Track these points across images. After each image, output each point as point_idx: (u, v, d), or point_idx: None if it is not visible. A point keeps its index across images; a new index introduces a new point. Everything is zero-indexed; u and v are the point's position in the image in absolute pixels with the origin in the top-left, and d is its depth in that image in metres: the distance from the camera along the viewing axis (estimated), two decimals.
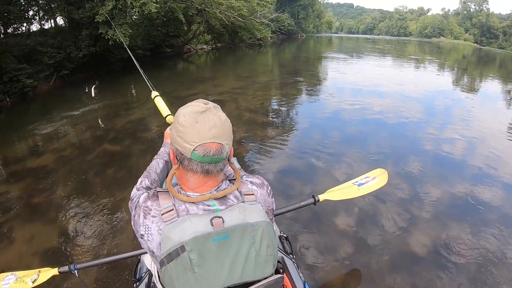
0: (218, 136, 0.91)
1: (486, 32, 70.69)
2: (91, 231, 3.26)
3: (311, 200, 1.97)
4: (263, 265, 0.94)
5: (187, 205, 0.93)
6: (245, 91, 9.76)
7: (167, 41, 18.91)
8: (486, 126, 6.87)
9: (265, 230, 0.94)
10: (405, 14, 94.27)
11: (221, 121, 0.92)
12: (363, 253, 2.87)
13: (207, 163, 0.92)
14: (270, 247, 0.95)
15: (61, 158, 5.17)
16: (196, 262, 0.86)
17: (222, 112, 0.96)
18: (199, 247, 0.86)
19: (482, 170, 4.59)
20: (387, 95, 9.45)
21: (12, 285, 1.74)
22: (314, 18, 50.38)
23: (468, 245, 3.02)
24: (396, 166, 4.62)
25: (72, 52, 12.02)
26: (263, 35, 25.34)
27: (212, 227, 0.88)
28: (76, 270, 1.66)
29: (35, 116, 8.25)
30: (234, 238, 0.89)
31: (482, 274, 2.69)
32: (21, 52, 10.90)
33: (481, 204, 3.71)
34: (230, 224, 0.90)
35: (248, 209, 0.95)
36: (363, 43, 41.39)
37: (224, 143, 0.92)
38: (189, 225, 0.87)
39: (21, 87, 10.06)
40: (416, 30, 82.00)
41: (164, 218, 0.90)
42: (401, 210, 3.54)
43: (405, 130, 6.37)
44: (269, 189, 1.12)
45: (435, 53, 30.67)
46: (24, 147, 5.95)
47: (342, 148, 5.25)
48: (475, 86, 13.03)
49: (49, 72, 11.67)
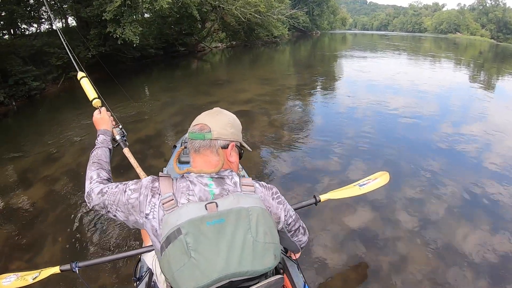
0: (208, 121, 1.10)
1: (503, 28, 69.90)
2: (93, 230, 3.27)
3: (312, 200, 1.93)
4: (262, 254, 0.94)
5: (188, 183, 1.04)
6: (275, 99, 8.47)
7: (180, 40, 18.13)
8: (503, 124, 6.61)
9: (261, 215, 0.97)
10: (420, 10, 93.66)
11: (216, 113, 1.14)
12: (365, 254, 2.83)
13: (194, 140, 1.09)
14: (269, 235, 0.96)
15: (68, 163, 4.99)
16: (192, 246, 0.89)
17: (231, 114, 1.18)
18: (194, 231, 0.90)
19: (498, 169, 4.44)
20: (407, 94, 9.08)
21: (13, 282, 1.74)
22: (329, 15, 49.24)
23: (481, 246, 2.94)
24: (405, 165, 4.51)
25: (80, 52, 11.32)
26: (280, 32, 24.38)
27: (206, 211, 0.93)
28: (77, 268, 1.64)
29: (42, 121, 7.85)
30: (228, 222, 0.92)
31: (492, 275, 2.62)
32: (28, 53, 10.36)
33: (495, 204, 3.59)
34: (223, 208, 0.94)
35: (243, 196, 1.01)
36: (380, 39, 40.19)
37: (209, 124, 1.09)
38: (186, 210, 0.94)
39: (27, 90, 9.61)
40: (432, 26, 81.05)
41: (166, 207, 0.98)
42: (404, 210, 3.44)
43: (418, 129, 6.12)
44: (274, 193, 1.16)
45: (454, 50, 29.86)
46: (30, 151, 5.63)
47: (352, 149, 5.08)
48: (492, 83, 12.42)
49: (57, 74, 11.09)
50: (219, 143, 1.08)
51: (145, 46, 15.24)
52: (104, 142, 1.43)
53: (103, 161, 1.32)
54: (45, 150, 5.58)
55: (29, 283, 1.72)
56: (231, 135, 1.11)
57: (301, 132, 5.88)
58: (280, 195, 1.19)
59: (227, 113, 1.16)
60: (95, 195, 1.14)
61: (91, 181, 1.20)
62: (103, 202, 1.11)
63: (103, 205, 1.12)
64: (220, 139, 1.08)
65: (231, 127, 1.12)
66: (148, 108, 7.79)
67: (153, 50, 15.82)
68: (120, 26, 10.73)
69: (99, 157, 1.33)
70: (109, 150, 1.42)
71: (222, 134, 1.09)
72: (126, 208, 1.08)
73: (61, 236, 3.23)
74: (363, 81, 11.03)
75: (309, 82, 11.16)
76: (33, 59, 10.39)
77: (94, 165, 1.28)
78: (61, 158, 5.19)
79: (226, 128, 1.10)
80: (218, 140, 1.08)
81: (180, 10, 14.18)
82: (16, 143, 6.10)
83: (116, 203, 1.09)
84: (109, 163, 1.35)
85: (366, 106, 7.57)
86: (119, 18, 10.56)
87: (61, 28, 15.08)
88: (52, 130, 6.61)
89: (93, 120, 1.56)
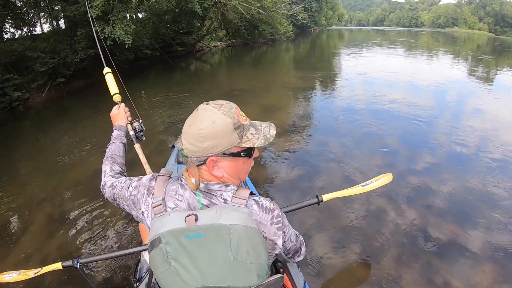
0: (184, 131, 0.96)
1: (501, 21, 70.15)
2: (94, 227, 3.30)
3: (314, 200, 1.85)
4: (243, 273, 0.89)
5: (179, 187, 1.02)
6: (282, 99, 7.56)
7: (178, 39, 16.86)
8: (502, 119, 6.51)
9: (243, 234, 0.89)
10: (416, 4, 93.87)
11: (190, 122, 0.95)
12: (366, 253, 2.78)
13: None
14: (251, 255, 0.89)
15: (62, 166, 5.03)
16: (172, 255, 0.89)
17: (212, 115, 0.93)
18: (174, 241, 0.89)
19: (498, 165, 4.37)
20: (409, 91, 8.86)
21: (14, 277, 1.76)
22: (327, 11, 48.35)
23: (483, 245, 2.87)
24: (407, 163, 4.42)
25: (67, 56, 10.09)
26: (285, 29, 23.17)
27: (185, 224, 0.90)
28: (79, 264, 1.63)
29: (25, 137, 7.10)
30: (207, 238, 0.89)
31: (494, 274, 2.56)
32: (8, 59, 9.15)
33: (495, 201, 3.54)
34: (202, 223, 0.90)
35: (226, 211, 0.92)
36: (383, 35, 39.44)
37: (185, 142, 0.95)
38: (168, 219, 0.92)
39: (8, 101, 8.47)
40: (429, 21, 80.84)
41: (155, 211, 0.98)
42: (406, 210, 3.38)
43: (418, 125, 5.95)
44: (275, 217, 1.01)
45: (456, 44, 29.48)
46: (17, 163, 5.48)
47: (352, 149, 4.94)
48: (491, 77, 12.05)
49: (42, 81, 9.85)
50: (194, 161, 0.95)
51: (140, 47, 14.08)
52: (118, 137, 1.48)
53: (116, 155, 1.37)
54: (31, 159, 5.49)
55: (30, 277, 1.73)
56: (204, 151, 0.93)
57: (301, 132, 5.73)
58: (281, 219, 1.02)
59: (203, 118, 0.93)
60: (107, 187, 1.20)
61: (104, 174, 1.27)
62: (113, 195, 1.18)
63: (114, 198, 1.18)
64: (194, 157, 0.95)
65: (204, 140, 0.92)
66: (144, 109, 7.62)
67: (149, 51, 14.65)
68: (109, 24, 9.45)
69: (113, 152, 1.38)
70: (123, 144, 1.47)
71: (192, 151, 0.95)
72: (128, 203, 1.13)
73: (63, 234, 3.28)
74: (366, 79, 10.53)
75: (313, 81, 10.58)
76: (14, 66, 9.23)
77: (108, 159, 1.34)
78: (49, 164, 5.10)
79: (195, 143, 0.93)
80: (193, 158, 0.95)
81: (179, 4, 12.89)
82: None
83: (122, 197, 1.15)
84: (123, 157, 1.40)
85: (372, 106, 7.25)
86: (108, 16, 9.28)
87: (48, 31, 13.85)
88: (35, 146, 6.17)
89: (110, 115, 1.62)
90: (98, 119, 7.12)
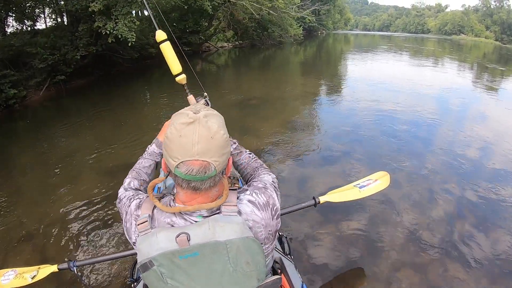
0: (203, 153, 0.78)
1: (507, 30, 69.29)
2: (90, 230, 3.26)
3: (311, 202, 1.90)
4: (243, 280, 0.88)
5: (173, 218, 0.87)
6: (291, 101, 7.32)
7: (184, 38, 16.27)
8: (506, 127, 6.52)
9: (241, 247, 0.82)
10: (423, 11, 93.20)
11: (210, 134, 0.79)
12: (363, 254, 2.80)
13: (193, 181, 0.81)
14: (251, 264, 0.86)
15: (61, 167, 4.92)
16: (167, 275, 0.83)
17: (216, 121, 0.82)
18: (167, 263, 0.82)
19: (499, 172, 4.36)
20: (414, 97, 8.73)
21: (12, 280, 1.73)
22: (334, 14, 47.99)
23: (482, 248, 2.89)
24: (406, 167, 4.40)
25: (68, 52, 9.57)
26: (295, 31, 22.66)
27: (177, 244, 0.80)
28: (75, 267, 1.62)
29: (22, 137, 6.91)
30: (204, 256, 0.82)
31: (493, 276, 2.59)
32: (6, 54, 8.70)
33: (496, 206, 3.54)
34: (196, 242, 0.80)
35: (219, 224, 0.82)
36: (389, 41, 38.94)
37: (211, 161, 0.79)
38: (156, 241, 0.81)
39: (4, 98, 8.02)
40: (435, 27, 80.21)
41: (139, 228, 0.87)
42: (404, 212, 3.36)
43: (419, 130, 5.98)
44: (274, 210, 0.96)
45: (462, 51, 29.01)
46: (12, 165, 5.30)
47: (353, 150, 4.95)
48: (496, 85, 11.79)
49: (40, 79, 9.36)
50: (222, 172, 0.85)
51: (145, 45, 13.54)
52: (153, 154, 1.33)
53: (142, 172, 1.27)
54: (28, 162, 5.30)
55: (28, 283, 1.72)
56: (229, 153, 0.86)
57: (302, 132, 5.77)
58: (277, 207, 0.97)
59: (211, 124, 0.80)
60: (120, 200, 1.10)
61: (123, 186, 1.18)
62: (120, 209, 1.09)
63: (121, 211, 1.08)
64: (221, 167, 0.83)
65: (227, 140, 0.84)
66: (148, 114, 7.16)
67: (154, 49, 14.08)
68: (111, 19, 8.86)
69: (140, 167, 1.28)
70: (155, 163, 1.33)
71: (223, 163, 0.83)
72: None
73: (59, 236, 3.25)
74: (372, 84, 10.38)
75: (318, 86, 10.51)
76: (12, 62, 8.77)
77: (132, 172, 1.26)
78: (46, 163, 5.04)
79: (224, 151, 0.83)
80: (221, 169, 0.84)
81: (188, 1, 12.32)
82: None
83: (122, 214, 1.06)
84: (149, 175, 1.28)
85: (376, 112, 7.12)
86: (111, 10, 8.73)
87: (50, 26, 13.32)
88: (31, 148, 5.92)
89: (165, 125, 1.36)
90: (99, 120, 6.75)
